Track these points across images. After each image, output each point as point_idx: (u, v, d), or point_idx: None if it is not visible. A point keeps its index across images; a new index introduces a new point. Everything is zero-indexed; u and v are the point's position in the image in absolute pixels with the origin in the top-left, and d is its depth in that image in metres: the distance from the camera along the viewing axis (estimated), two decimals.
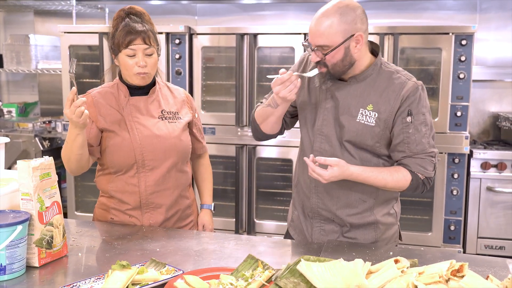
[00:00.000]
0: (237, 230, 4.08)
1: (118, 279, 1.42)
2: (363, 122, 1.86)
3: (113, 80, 2.17)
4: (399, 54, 3.66)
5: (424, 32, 3.67)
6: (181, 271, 1.55)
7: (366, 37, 1.85)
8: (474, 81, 3.82)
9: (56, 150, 4.44)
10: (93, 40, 4.10)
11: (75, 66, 1.87)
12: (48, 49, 4.90)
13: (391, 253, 1.77)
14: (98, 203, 2.20)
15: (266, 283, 1.43)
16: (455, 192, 3.77)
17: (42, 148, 4.47)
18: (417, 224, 3.87)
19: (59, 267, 1.65)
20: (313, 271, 1.41)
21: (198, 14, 4.80)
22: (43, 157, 1.70)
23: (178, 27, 3.93)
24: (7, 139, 2.18)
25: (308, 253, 1.79)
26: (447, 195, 3.78)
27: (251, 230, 4.07)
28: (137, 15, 2.04)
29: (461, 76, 3.62)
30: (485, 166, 3.82)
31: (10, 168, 4.09)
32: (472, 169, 3.85)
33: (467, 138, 3.68)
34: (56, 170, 1.71)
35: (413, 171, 1.87)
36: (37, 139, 4.48)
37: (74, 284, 1.46)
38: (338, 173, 1.78)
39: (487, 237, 3.88)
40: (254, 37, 3.88)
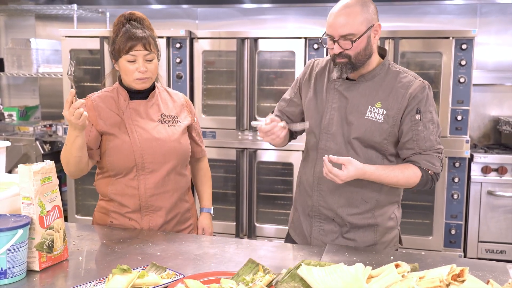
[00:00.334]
0: (237, 233, 4.07)
1: (118, 283, 1.42)
2: (371, 118, 1.91)
3: (113, 84, 2.18)
4: (400, 58, 3.67)
5: (425, 36, 3.68)
6: (182, 275, 1.55)
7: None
8: (474, 85, 3.82)
9: (57, 154, 4.43)
10: (94, 44, 4.11)
11: (73, 67, 1.88)
12: (49, 53, 4.91)
13: (391, 257, 1.77)
14: (97, 207, 2.20)
15: (266, 287, 1.43)
16: (455, 196, 3.77)
17: (42, 152, 4.47)
18: (418, 228, 3.86)
19: (59, 271, 1.65)
20: (314, 276, 1.41)
21: (199, 18, 4.81)
22: (43, 160, 1.70)
23: (179, 31, 3.94)
24: (8, 143, 2.19)
25: (309, 257, 1.79)
26: (447, 199, 3.78)
27: (251, 234, 4.07)
28: (137, 21, 2.06)
29: (462, 80, 3.63)
30: (485, 170, 3.82)
31: (10, 171, 4.10)
32: (472, 173, 3.85)
33: (467, 142, 3.68)
34: (56, 173, 1.71)
35: (422, 167, 1.92)
36: (37, 142, 4.49)
37: None
38: (353, 172, 1.82)
39: (488, 241, 3.87)
40: (255, 41, 3.89)
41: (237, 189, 4.04)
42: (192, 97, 4.04)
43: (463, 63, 3.61)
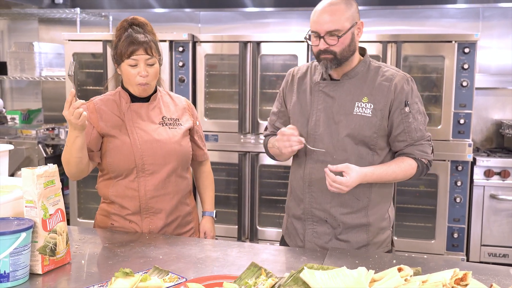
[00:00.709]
0: (239, 237, 4.07)
1: (121, 286, 1.42)
2: (360, 113, 1.95)
3: (116, 88, 2.19)
4: (402, 62, 3.66)
5: (427, 40, 3.68)
6: (184, 279, 1.55)
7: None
8: (477, 88, 3.82)
9: (59, 157, 4.42)
10: (97, 48, 4.12)
11: (73, 68, 1.89)
12: (52, 56, 4.93)
13: (394, 261, 1.77)
14: (99, 210, 2.21)
15: None
16: (458, 200, 3.76)
17: (45, 155, 4.48)
18: (420, 231, 3.85)
19: (62, 274, 1.65)
20: (316, 279, 1.41)
21: (202, 22, 4.82)
22: (46, 164, 1.71)
23: (182, 35, 3.94)
24: (11, 146, 2.20)
25: (311, 261, 1.79)
26: (450, 202, 3.77)
27: (253, 237, 4.07)
28: (139, 26, 2.08)
29: (464, 84, 3.62)
30: (488, 173, 3.81)
31: (13, 175, 4.10)
32: (475, 176, 3.84)
33: (470, 145, 3.68)
34: (59, 176, 1.72)
35: (416, 157, 1.97)
36: (40, 146, 4.49)
37: None
38: (356, 177, 1.85)
39: (491, 244, 3.86)
40: (257, 45, 3.89)
41: (239, 192, 4.04)
42: (194, 100, 4.05)
43: (465, 66, 3.61)
